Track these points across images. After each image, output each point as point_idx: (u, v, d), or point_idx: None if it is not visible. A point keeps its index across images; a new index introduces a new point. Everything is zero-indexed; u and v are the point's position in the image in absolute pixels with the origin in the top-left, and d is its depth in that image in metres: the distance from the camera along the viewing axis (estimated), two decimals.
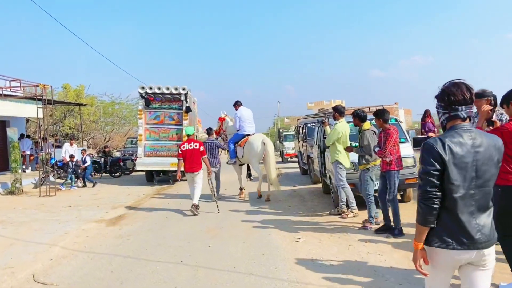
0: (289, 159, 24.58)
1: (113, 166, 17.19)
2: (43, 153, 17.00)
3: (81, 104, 18.73)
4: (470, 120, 2.35)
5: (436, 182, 2.21)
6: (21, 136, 15.75)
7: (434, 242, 2.27)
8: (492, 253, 2.29)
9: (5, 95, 13.03)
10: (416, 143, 7.27)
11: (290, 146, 24.21)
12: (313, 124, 13.88)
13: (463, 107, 2.30)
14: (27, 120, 19.77)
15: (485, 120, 4.05)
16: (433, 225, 2.25)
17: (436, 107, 2.42)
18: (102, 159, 17.16)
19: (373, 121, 6.56)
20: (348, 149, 6.95)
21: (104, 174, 17.22)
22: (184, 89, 13.90)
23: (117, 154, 21.10)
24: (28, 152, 14.81)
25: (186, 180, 8.98)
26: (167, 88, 13.89)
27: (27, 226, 7.88)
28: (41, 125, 21.07)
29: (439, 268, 2.33)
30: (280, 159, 27.05)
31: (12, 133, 13.23)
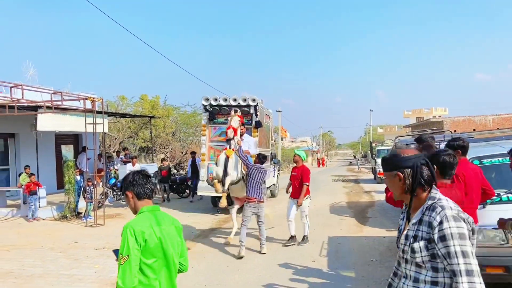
0: (382, 178, 21.23)
1: (181, 185, 15.43)
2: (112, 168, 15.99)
3: (151, 117, 17.47)
4: None
5: None
6: (83, 149, 14.69)
7: None
8: None
9: (62, 108, 11.84)
10: None
11: None
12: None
13: None
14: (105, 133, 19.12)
15: None
16: None
17: None
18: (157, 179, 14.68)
19: None
20: (500, 225, 3.68)
21: (172, 193, 15.45)
22: (254, 100, 11.54)
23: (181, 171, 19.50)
24: (85, 169, 13.61)
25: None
26: (234, 99, 11.65)
27: None
28: (115, 139, 20.49)
29: None
30: (372, 177, 24.75)
31: (67, 151, 12.01)
